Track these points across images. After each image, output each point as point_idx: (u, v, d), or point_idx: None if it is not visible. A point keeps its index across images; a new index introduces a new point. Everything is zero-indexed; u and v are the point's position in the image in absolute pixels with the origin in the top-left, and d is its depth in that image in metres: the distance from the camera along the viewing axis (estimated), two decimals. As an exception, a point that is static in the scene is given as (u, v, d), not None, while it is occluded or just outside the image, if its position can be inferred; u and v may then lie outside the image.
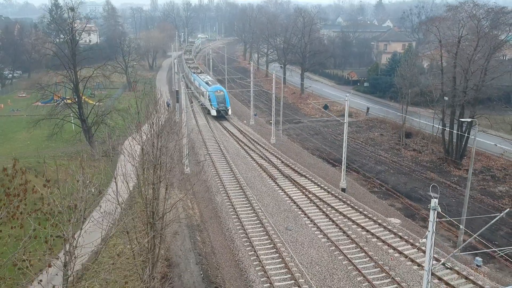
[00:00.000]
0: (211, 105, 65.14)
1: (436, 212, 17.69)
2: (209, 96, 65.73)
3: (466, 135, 45.59)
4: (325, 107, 69.09)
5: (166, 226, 23.13)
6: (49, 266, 14.36)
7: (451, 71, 44.00)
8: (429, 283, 18.06)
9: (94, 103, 52.78)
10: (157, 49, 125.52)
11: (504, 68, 47.35)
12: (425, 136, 55.53)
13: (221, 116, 64.91)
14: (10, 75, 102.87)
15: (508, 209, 20.23)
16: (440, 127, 49.95)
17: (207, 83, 70.66)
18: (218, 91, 65.95)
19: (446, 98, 47.95)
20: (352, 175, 44.18)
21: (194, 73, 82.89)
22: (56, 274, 16.41)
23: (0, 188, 13.69)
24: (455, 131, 44.23)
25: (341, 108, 65.91)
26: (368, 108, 70.51)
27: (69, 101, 52.03)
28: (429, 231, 17.94)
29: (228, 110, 64.94)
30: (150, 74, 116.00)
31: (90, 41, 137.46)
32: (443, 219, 33.98)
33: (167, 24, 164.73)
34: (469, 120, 34.40)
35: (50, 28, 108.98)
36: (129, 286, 25.49)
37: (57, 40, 74.14)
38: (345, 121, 39.03)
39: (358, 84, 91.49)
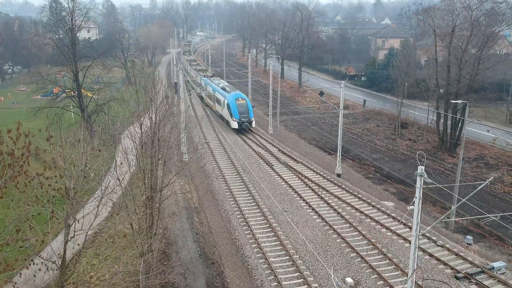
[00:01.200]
0: (231, 115, 53.10)
1: (422, 179, 18.43)
2: (228, 105, 53.98)
3: (461, 118, 46.28)
4: (321, 93, 69.80)
5: (163, 200, 23.89)
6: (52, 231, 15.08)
7: (446, 60, 44.71)
8: (417, 249, 18.77)
9: (94, 92, 53.56)
10: (156, 45, 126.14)
11: (498, 59, 48.01)
12: (420, 126, 56.27)
13: (242, 129, 53.18)
14: (10, 70, 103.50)
15: (492, 177, 20.90)
16: (435, 118, 50.80)
17: (224, 89, 58.89)
18: (239, 99, 53.92)
19: (441, 90, 48.77)
20: (347, 163, 44.87)
21: (204, 76, 70.03)
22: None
23: (5, 148, 14.37)
24: (449, 115, 44.92)
25: (338, 101, 66.58)
26: (364, 101, 71.26)
27: (69, 93, 52.70)
28: (416, 197, 18.68)
29: (252, 121, 53.24)
30: (149, 69, 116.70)
31: (90, 38, 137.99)
32: (430, 185, 35.10)
33: (166, 21, 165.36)
34: (460, 102, 35.04)
35: (49, 24, 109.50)
36: (128, 260, 26.25)
37: (56, 36, 74.63)
38: (341, 108, 39.76)
39: (356, 78, 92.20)
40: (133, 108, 25.03)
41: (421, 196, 18.41)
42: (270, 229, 29.87)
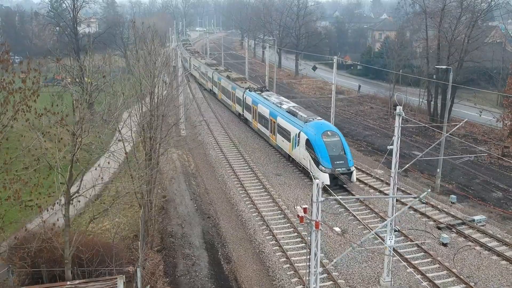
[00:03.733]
0: (316, 161, 30.92)
1: (400, 118, 19.91)
2: (309, 142, 31.76)
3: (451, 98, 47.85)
4: (314, 68, 71.22)
5: (162, 153, 25.31)
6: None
7: (436, 39, 46.22)
8: (395, 185, 20.26)
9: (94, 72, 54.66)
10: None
11: (486, 38, 49.49)
12: (413, 108, 57.70)
13: (337, 185, 31.14)
14: (11, 60, 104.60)
15: (476, 154, 22.55)
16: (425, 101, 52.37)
17: (293, 113, 35.86)
18: (328, 133, 32.16)
19: (434, 76, 50.25)
20: (340, 138, 46.31)
21: (248, 90, 46.65)
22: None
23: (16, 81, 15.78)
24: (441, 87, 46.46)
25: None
26: (359, 86, 72.78)
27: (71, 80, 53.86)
28: (395, 135, 20.16)
29: (352, 172, 31.01)
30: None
31: (89, 32, 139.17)
32: (408, 125, 39.60)
33: (166, 15, 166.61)
34: (444, 67, 36.51)
35: (50, 16, 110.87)
36: (128, 214, 27.76)
37: (57, 28, 75.67)
38: (333, 82, 41.24)
39: (352, 68, 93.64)
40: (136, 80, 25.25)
41: (399, 135, 19.87)
42: (264, 189, 31.35)
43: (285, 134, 35.33)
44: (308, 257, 12.44)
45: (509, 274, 21.32)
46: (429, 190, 17.27)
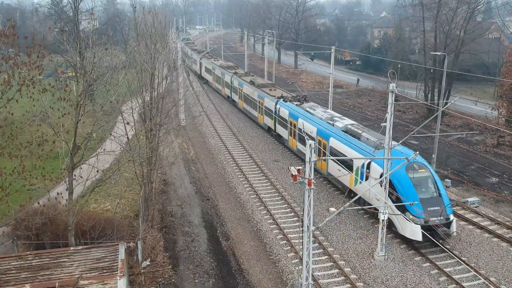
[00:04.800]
0: (401, 206, 21.75)
1: (393, 95, 20.48)
2: (390, 181, 22.05)
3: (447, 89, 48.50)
4: (312, 58, 71.93)
5: (163, 133, 25.90)
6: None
7: (433, 31, 46.83)
8: (389, 161, 20.84)
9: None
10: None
11: (482, 31, 50.13)
12: (410, 100, 58.33)
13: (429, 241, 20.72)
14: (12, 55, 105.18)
15: (468, 132, 23.25)
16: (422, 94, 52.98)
17: (355, 135, 27.62)
18: (414, 165, 23.12)
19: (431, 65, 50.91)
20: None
21: (281, 99, 38.21)
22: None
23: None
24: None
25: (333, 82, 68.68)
26: (358, 80, 73.38)
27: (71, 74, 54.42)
28: (388, 112, 20.74)
29: (451, 222, 21.95)
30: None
31: (93, 24, 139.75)
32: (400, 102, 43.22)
33: (166, 11, 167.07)
34: (439, 53, 37.07)
35: (50, 13, 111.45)
36: (129, 196, 28.34)
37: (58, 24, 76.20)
38: (331, 72, 41.86)
39: (351, 63, 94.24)
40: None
41: (392, 112, 20.46)
42: (262, 174, 31.95)
43: (343, 161, 25.71)
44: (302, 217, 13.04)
45: (500, 250, 21.92)
46: (417, 152, 17.80)
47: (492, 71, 67.32)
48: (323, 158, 28.60)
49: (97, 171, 17.27)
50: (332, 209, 26.17)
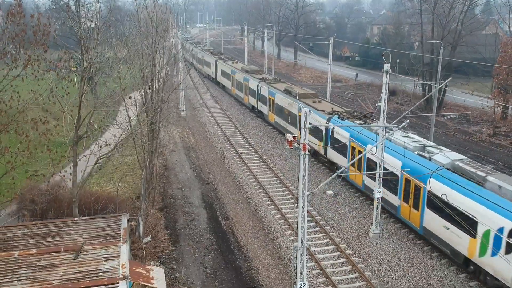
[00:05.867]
0: None
1: (388, 75, 21.06)
2: None
3: (444, 88, 49.08)
4: (310, 48, 72.51)
5: (164, 118, 26.45)
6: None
7: (430, 23, 47.46)
8: (384, 137, 21.43)
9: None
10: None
11: (480, 25, 50.75)
12: (408, 94, 58.97)
13: None
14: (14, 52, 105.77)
15: (461, 113, 23.63)
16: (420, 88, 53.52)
17: (478, 180, 18.62)
18: None
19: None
20: (337, 119, 47.46)
21: (337, 116, 29.95)
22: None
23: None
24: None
25: (332, 77, 69.28)
26: (357, 74, 74.04)
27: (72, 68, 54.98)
28: (383, 92, 21.32)
29: None
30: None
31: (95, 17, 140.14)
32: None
33: (166, 7, 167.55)
34: (435, 41, 37.65)
35: (51, 9, 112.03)
36: (130, 180, 28.92)
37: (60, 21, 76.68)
38: (329, 62, 42.43)
39: (350, 59, 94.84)
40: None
41: (387, 92, 21.03)
42: (261, 160, 32.53)
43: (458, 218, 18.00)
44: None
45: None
46: (408, 120, 18.43)
47: (489, 65, 68.03)
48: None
49: (100, 146, 17.83)
50: (329, 191, 26.73)
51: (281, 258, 20.18)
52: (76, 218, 16.87)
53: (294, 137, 13.30)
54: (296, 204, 23.68)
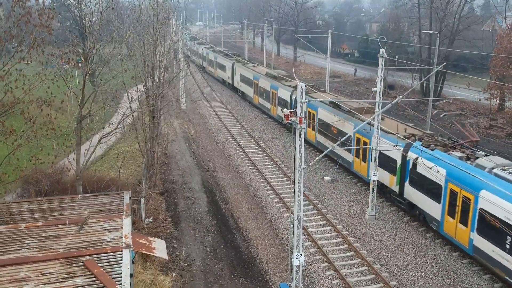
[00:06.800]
0: None
1: (383, 59, 21.57)
2: None
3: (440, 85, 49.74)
4: (309, 41, 73.02)
5: (164, 106, 26.98)
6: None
7: (428, 16, 47.98)
8: (379, 116, 21.98)
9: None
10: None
11: (476, 19, 51.29)
12: (407, 88, 59.45)
13: None
14: (14, 49, 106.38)
15: (446, 100, 24.03)
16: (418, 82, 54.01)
17: None
18: None
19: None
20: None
21: (421, 144, 21.87)
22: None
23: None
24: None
25: (331, 73, 69.81)
26: (356, 69, 74.54)
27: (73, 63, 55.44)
28: (378, 76, 21.85)
29: None
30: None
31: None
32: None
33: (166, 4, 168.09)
34: (431, 32, 38.17)
35: (53, 6, 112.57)
36: (132, 167, 29.42)
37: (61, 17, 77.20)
38: (328, 56, 42.95)
39: (349, 56, 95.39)
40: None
41: (382, 76, 21.54)
42: (260, 149, 33.05)
43: None
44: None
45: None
46: (400, 96, 18.92)
47: (486, 59, 68.54)
48: None
49: (103, 128, 18.33)
50: (327, 178, 27.25)
51: (279, 238, 20.71)
52: (80, 195, 17.39)
53: (291, 112, 13.79)
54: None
